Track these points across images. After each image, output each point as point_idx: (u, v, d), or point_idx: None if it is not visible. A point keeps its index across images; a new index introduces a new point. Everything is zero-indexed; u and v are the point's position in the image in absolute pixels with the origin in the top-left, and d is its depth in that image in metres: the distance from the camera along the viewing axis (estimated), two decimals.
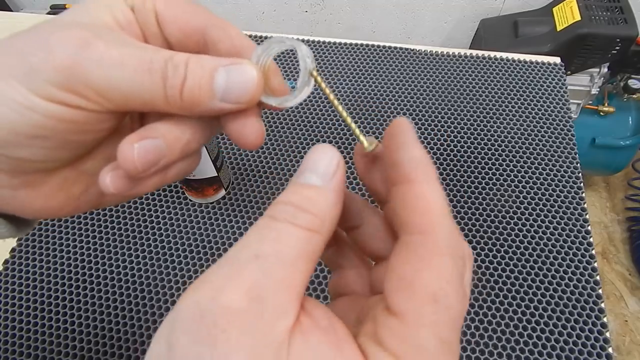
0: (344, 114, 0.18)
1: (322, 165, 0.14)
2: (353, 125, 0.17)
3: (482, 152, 0.54)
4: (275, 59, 0.18)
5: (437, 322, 0.12)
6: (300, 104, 0.30)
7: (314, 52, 0.65)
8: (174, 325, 0.12)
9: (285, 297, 0.12)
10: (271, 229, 0.13)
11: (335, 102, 0.18)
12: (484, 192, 0.51)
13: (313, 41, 0.66)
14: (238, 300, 0.12)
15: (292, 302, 0.12)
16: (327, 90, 0.18)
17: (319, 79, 0.18)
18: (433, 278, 0.12)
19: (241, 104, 0.16)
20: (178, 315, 0.12)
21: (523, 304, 0.43)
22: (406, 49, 0.65)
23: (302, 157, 0.54)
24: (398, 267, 0.13)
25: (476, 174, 0.52)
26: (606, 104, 1.15)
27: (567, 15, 1.01)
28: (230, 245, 0.47)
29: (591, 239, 0.47)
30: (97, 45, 0.14)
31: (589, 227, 0.48)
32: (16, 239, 0.49)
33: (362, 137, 0.17)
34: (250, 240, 0.13)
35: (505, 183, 0.51)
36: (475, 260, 0.46)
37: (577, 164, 0.52)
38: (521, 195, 0.50)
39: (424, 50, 0.65)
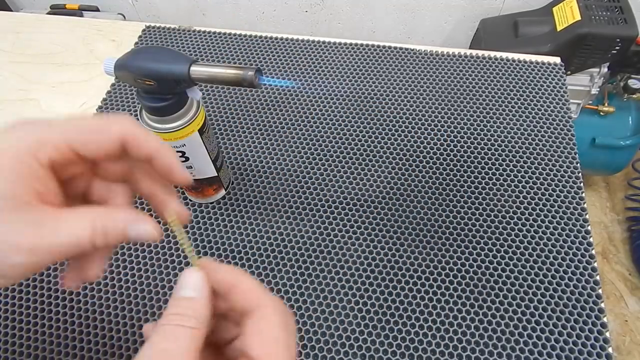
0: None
1: (194, 283, 0.20)
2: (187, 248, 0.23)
3: (482, 152, 0.54)
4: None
5: (278, 354, 0.19)
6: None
7: (314, 52, 0.65)
8: None
9: None
10: (168, 332, 0.19)
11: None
12: (484, 192, 0.51)
13: (313, 41, 0.66)
14: None
15: None
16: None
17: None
18: (279, 327, 0.20)
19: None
20: None
21: (523, 304, 0.43)
22: (406, 49, 0.65)
23: (302, 157, 0.54)
24: (252, 331, 0.20)
25: (476, 174, 0.52)
26: (606, 104, 1.15)
27: (567, 15, 1.01)
28: (230, 245, 0.47)
29: (591, 239, 0.47)
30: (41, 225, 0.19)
31: (589, 227, 0.48)
32: None
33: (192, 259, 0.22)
34: (155, 340, 0.18)
35: (505, 183, 0.51)
36: (475, 260, 0.46)
37: (577, 164, 0.52)
38: (521, 195, 0.50)
39: (424, 50, 0.65)
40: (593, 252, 0.46)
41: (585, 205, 0.49)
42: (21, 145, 0.19)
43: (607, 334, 0.41)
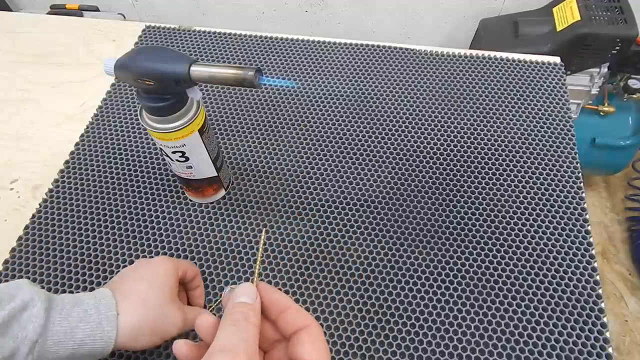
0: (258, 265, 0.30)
1: (251, 292, 0.27)
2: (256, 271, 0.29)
3: (482, 152, 0.54)
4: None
5: (328, 358, 0.26)
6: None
7: (314, 52, 0.65)
8: None
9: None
10: (238, 325, 0.25)
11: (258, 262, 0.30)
12: (484, 192, 0.51)
13: (313, 41, 0.66)
14: None
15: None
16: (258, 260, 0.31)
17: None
18: (322, 340, 0.26)
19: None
20: None
21: (523, 304, 0.43)
22: (406, 49, 0.65)
23: (301, 157, 0.54)
24: (307, 341, 0.25)
25: (476, 174, 0.52)
26: (606, 104, 1.15)
27: (567, 15, 1.01)
28: (230, 245, 0.47)
29: (591, 239, 0.47)
30: (186, 312, 0.38)
31: (589, 227, 0.48)
32: (16, 239, 0.49)
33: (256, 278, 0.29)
34: (231, 331, 0.24)
35: (505, 183, 0.51)
36: (475, 260, 0.46)
37: (577, 164, 0.52)
38: (521, 195, 0.50)
39: (424, 50, 0.65)
40: (593, 252, 0.46)
41: (585, 205, 0.49)
42: (170, 268, 0.38)
43: (607, 334, 0.41)
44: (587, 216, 0.48)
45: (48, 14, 1.25)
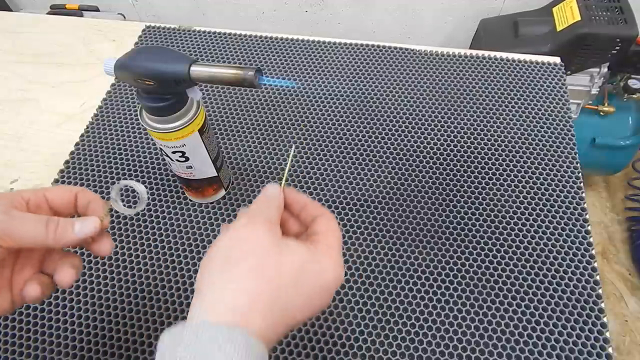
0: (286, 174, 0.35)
1: (277, 191, 0.32)
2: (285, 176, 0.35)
3: (482, 152, 0.54)
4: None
5: (338, 235, 0.31)
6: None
7: (314, 52, 0.65)
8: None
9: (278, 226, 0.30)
10: (264, 202, 0.31)
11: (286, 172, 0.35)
12: (484, 192, 0.51)
13: (313, 41, 0.66)
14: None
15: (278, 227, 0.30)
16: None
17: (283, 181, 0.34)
18: (335, 222, 0.32)
19: (88, 235, 0.31)
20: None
21: (523, 304, 0.43)
22: (406, 49, 0.65)
23: (301, 157, 0.54)
24: (322, 222, 0.31)
25: (476, 174, 0.52)
26: (606, 104, 1.15)
27: (567, 15, 1.01)
28: None
29: (591, 239, 0.47)
30: (16, 213, 0.29)
31: (589, 227, 0.48)
32: None
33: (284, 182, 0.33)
34: (252, 206, 0.31)
35: (505, 183, 0.51)
36: (475, 260, 0.46)
37: (577, 164, 0.52)
38: (521, 195, 0.50)
39: (424, 50, 0.65)
40: (593, 252, 0.46)
41: (585, 205, 0.49)
42: (8, 193, 0.31)
43: (607, 334, 0.41)
44: (587, 216, 0.48)
45: (48, 14, 1.25)
